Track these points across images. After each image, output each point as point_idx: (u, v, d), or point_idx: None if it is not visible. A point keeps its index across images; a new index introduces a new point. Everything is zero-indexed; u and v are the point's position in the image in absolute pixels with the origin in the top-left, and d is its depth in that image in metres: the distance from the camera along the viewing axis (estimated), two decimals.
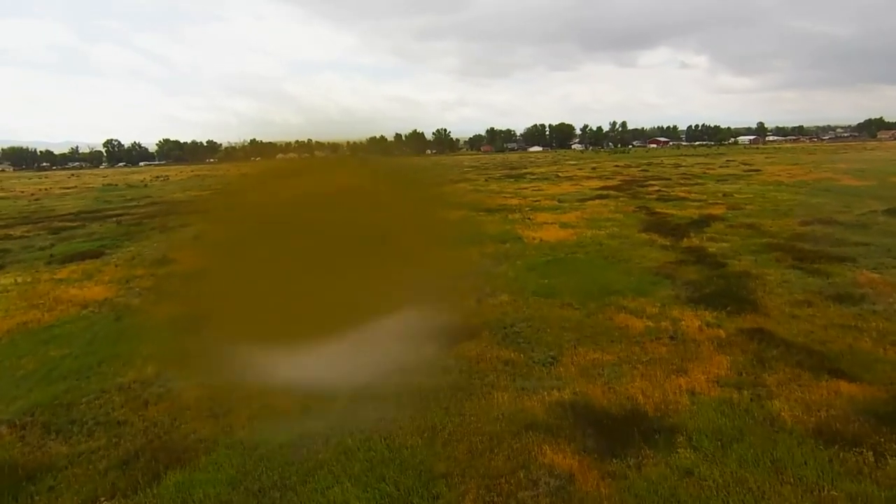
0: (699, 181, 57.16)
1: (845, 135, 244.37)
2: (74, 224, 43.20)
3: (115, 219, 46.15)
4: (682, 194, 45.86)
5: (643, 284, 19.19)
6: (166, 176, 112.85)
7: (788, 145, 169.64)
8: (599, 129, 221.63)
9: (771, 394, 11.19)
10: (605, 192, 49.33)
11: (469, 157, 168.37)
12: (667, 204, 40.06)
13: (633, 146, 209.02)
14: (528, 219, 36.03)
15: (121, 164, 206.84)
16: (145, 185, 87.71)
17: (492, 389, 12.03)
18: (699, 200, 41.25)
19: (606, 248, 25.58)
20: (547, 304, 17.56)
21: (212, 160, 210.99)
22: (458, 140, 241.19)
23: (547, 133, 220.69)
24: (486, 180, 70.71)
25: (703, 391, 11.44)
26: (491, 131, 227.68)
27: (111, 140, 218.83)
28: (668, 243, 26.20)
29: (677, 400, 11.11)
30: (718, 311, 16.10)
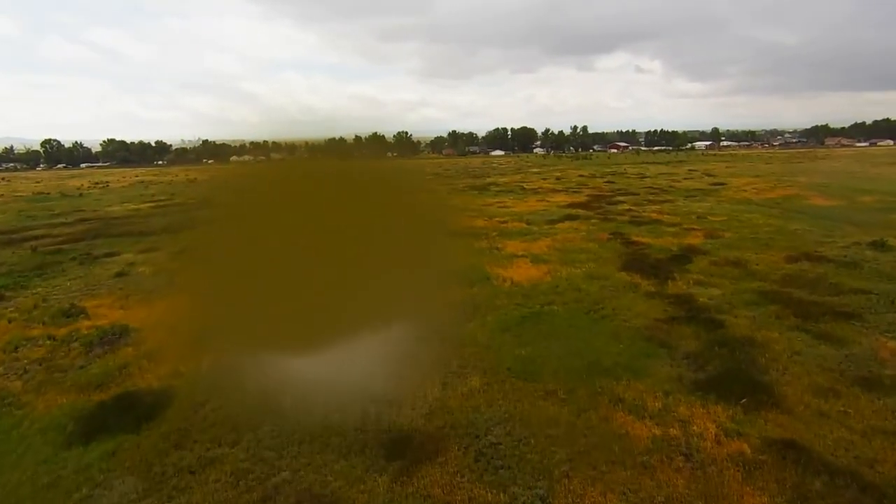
0: (668, 197, 55.58)
1: (794, 140, 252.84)
2: None
3: (31, 243, 40.83)
4: (655, 215, 43.85)
5: (636, 357, 16.37)
6: (107, 182, 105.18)
7: (743, 152, 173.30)
8: (561, 133, 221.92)
9: None
10: (574, 212, 46.91)
11: (431, 161, 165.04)
12: (641, 229, 37.82)
13: (594, 150, 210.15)
14: (497, 248, 33.10)
15: (60, 165, 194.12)
16: (80, 195, 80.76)
17: None
18: (674, 224, 39.20)
19: (586, 296, 22.78)
20: (527, 391, 14.49)
21: (161, 162, 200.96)
22: (419, 142, 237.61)
23: (509, 137, 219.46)
24: (448, 192, 67.63)
25: None
26: (453, 134, 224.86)
27: (50, 140, 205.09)
28: (652, 288, 23.62)
29: None
30: (732, 404, 13.40)
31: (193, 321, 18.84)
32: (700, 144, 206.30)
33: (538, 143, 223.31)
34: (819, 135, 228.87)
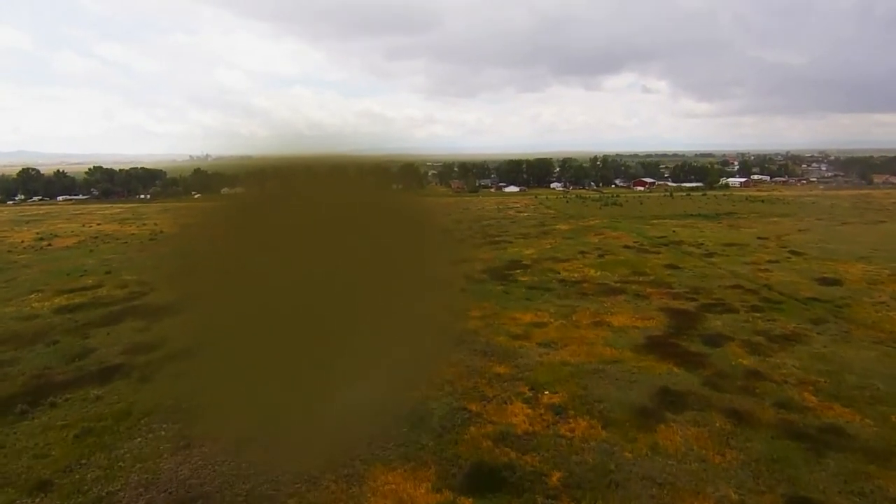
0: (786, 323, 37.82)
1: (829, 174, 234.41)
2: None
3: None
4: (810, 396, 26.40)
5: None
6: (52, 238, 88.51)
7: (789, 193, 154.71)
8: (580, 166, 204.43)
9: None
10: (666, 374, 29.41)
11: (439, 200, 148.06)
12: (830, 472, 20.23)
13: (617, 185, 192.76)
14: None
15: (36, 197, 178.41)
16: None
17: None
18: (880, 453, 21.55)
19: None
20: None
21: (145, 196, 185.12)
22: (426, 172, 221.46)
23: (523, 169, 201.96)
24: (462, 284, 50.09)
25: None
26: (463, 167, 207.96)
27: (28, 169, 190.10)
28: None
29: None
30: None
31: None
32: (734, 181, 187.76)
33: (554, 176, 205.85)
34: (862, 169, 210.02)
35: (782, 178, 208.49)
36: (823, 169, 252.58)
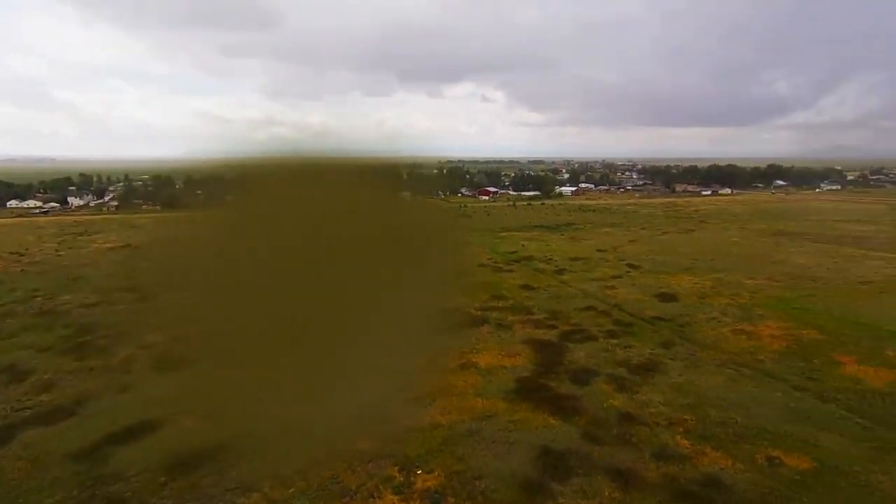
0: (638, 346, 38.49)
1: (640, 183, 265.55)
2: None
3: None
4: (684, 443, 25.87)
5: None
6: None
7: (612, 201, 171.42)
8: (428, 175, 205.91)
9: None
10: (540, 423, 27.33)
11: None
12: None
13: (462, 194, 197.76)
14: None
15: None
16: None
17: None
18: (754, 502, 21.18)
19: None
20: None
21: None
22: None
23: None
24: None
25: None
26: None
27: None
28: None
29: None
30: None
31: None
32: (566, 190, 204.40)
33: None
34: (663, 177, 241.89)
35: (605, 187, 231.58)
36: (635, 177, 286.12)
